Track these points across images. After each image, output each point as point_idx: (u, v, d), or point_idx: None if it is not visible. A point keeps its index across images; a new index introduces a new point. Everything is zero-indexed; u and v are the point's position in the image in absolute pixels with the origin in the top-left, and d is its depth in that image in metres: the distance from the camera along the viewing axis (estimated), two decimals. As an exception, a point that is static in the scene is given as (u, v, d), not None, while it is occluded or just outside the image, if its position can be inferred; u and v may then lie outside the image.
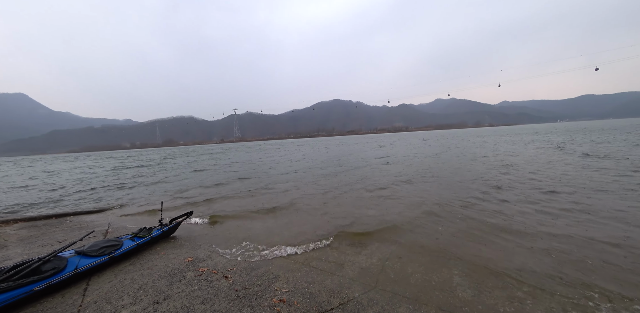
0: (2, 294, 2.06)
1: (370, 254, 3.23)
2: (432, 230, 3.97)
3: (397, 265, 2.93)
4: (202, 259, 3.09)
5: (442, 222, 4.32)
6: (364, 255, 3.20)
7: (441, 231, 3.93)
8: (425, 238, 3.69)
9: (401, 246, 3.46)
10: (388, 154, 18.37)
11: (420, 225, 4.22)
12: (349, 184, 7.94)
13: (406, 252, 3.27)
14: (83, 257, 2.77)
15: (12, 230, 4.50)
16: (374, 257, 3.15)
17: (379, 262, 3.04)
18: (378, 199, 5.98)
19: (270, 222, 4.76)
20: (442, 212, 4.78)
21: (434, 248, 3.34)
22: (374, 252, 3.30)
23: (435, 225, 4.19)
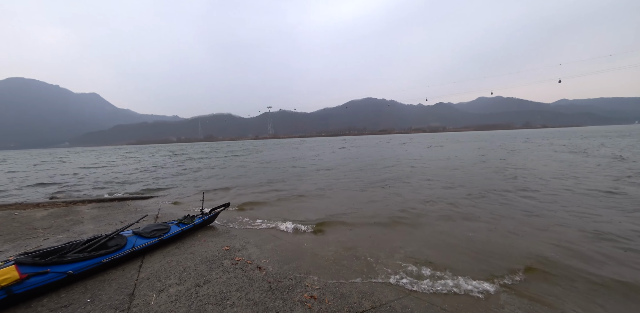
0: (79, 263, 2.40)
1: (404, 258, 3.09)
2: (469, 238, 3.66)
3: (432, 270, 2.75)
4: (237, 249, 3.26)
5: (481, 230, 3.96)
6: (397, 259, 3.07)
7: (481, 240, 3.60)
8: (464, 246, 3.42)
9: (438, 253, 3.25)
10: (449, 156, 17.47)
11: (459, 232, 3.92)
12: (385, 182, 7.71)
13: (442, 260, 3.06)
14: (139, 237, 3.10)
15: (87, 208, 5.26)
16: (409, 260, 3.01)
17: (415, 265, 2.89)
18: (415, 204, 5.71)
19: (303, 217, 4.84)
20: (482, 220, 4.38)
21: (474, 258, 3.07)
22: (408, 256, 3.15)
23: (472, 232, 3.86)
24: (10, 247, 3.31)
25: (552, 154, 14.54)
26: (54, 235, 3.74)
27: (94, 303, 2.12)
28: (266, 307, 2.09)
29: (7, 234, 3.76)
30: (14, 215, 4.69)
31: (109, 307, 2.06)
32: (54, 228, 4.02)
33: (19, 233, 3.78)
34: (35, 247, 3.28)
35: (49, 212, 5.02)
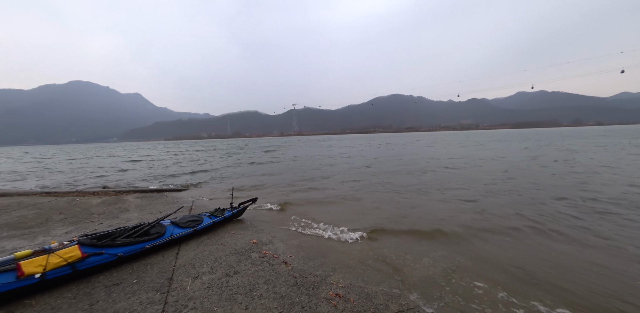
0: (127, 247, 2.67)
1: (433, 262, 2.96)
2: (514, 245, 3.39)
3: (466, 280, 2.60)
4: (264, 243, 3.37)
5: (531, 237, 3.64)
6: (426, 262, 2.96)
7: (528, 249, 3.31)
8: (504, 254, 3.18)
9: (473, 259, 3.06)
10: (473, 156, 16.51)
11: (499, 237, 3.65)
12: (420, 184, 7.45)
13: (477, 267, 2.88)
14: (176, 227, 3.34)
15: (132, 198, 5.82)
16: (439, 266, 2.88)
17: (444, 272, 2.76)
18: (449, 204, 5.44)
19: (330, 215, 4.86)
20: (536, 225, 4.02)
21: (514, 267, 2.84)
22: (439, 260, 3.02)
23: (518, 240, 3.57)
24: (73, 228, 3.77)
25: (626, 156, 12.85)
26: (106, 220, 4.19)
27: (139, 284, 2.34)
28: (292, 302, 2.13)
29: (71, 217, 4.29)
30: (76, 202, 5.34)
31: (152, 289, 2.26)
32: (106, 215, 4.51)
33: (80, 217, 4.30)
34: (92, 230, 3.71)
35: (102, 199, 5.63)
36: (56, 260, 2.17)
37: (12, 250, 2.95)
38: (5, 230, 3.62)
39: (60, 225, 3.93)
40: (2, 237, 3.38)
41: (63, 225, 3.93)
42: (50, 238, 3.39)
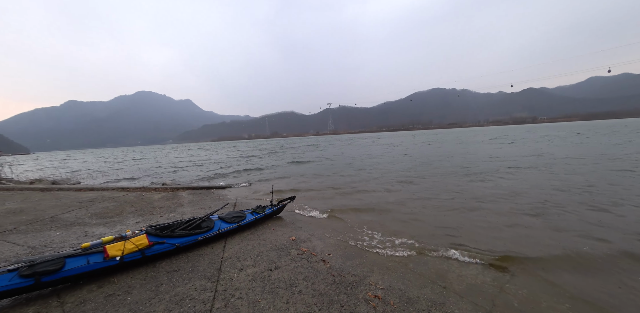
0: (183, 238, 2.99)
1: (482, 270, 2.72)
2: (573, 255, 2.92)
3: (522, 292, 2.33)
4: (303, 240, 3.47)
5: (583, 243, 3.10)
6: (474, 269, 2.72)
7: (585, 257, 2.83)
8: (568, 264, 2.76)
9: (535, 268, 2.73)
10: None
11: (565, 252, 3.18)
12: (478, 190, 6.92)
13: (539, 277, 2.55)
14: (222, 221, 3.63)
15: (185, 194, 6.51)
16: (488, 275, 2.63)
17: (494, 281, 2.51)
18: (509, 213, 4.94)
19: (370, 216, 4.80)
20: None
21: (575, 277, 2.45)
22: (489, 268, 2.75)
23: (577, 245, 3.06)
24: (141, 219, 4.38)
25: None
26: (165, 213, 4.76)
27: (194, 272, 2.61)
28: (331, 300, 2.16)
29: (139, 210, 4.98)
30: (142, 196, 6.17)
31: (204, 277, 2.50)
32: (165, 208, 5.12)
33: (146, 210, 4.96)
34: (155, 221, 4.25)
35: (162, 195, 6.41)
36: (130, 246, 2.54)
37: (99, 236, 3.55)
38: (94, 219, 4.37)
39: (131, 216, 4.58)
40: (92, 224, 4.08)
41: (133, 216, 4.58)
42: (125, 227, 3.98)
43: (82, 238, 3.47)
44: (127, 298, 2.13)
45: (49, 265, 2.12)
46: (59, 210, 4.86)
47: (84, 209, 4.97)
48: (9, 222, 4.16)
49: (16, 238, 3.48)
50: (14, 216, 4.52)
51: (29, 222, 4.18)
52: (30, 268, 2.06)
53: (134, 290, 2.24)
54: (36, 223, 4.09)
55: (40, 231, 3.76)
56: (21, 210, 4.89)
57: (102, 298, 2.12)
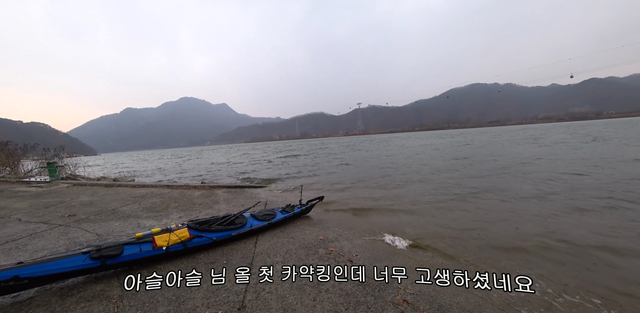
0: (219, 233, 3.23)
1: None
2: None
3: (569, 302, 2.06)
4: (330, 240, 3.50)
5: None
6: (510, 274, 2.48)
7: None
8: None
9: (581, 275, 2.40)
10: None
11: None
12: (509, 189, 6.37)
13: (588, 285, 2.24)
14: (254, 219, 3.82)
15: (221, 192, 6.98)
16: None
17: (538, 290, 2.27)
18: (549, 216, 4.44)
19: (400, 218, 4.67)
20: None
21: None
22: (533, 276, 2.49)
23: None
24: (183, 214, 4.82)
25: None
26: (204, 210, 5.16)
27: (228, 265, 2.79)
28: (357, 301, 2.15)
29: (182, 206, 5.48)
30: (184, 193, 6.78)
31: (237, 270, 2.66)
32: (204, 205, 5.55)
33: (187, 206, 5.45)
34: (195, 216, 4.64)
35: (201, 192, 6.96)
36: (174, 238, 2.82)
37: (149, 227, 3.99)
38: (145, 212, 4.92)
39: (175, 211, 5.07)
40: (143, 217, 4.61)
41: (177, 211, 5.05)
42: (170, 220, 4.42)
43: (135, 229, 3.93)
44: (176, 285, 2.37)
45: (111, 251, 2.45)
46: (119, 204, 5.57)
47: (137, 203, 5.62)
48: (82, 212, 4.89)
49: (87, 226, 4.08)
50: (86, 207, 5.30)
51: (96, 213, 4.87)
52: (97, 252, 2.41)
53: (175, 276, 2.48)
54: (102, 214, 4.75)
55: (105, 221, 4.35)
56: (91, 203, 5.71)
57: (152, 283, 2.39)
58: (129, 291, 2.24)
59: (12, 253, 3.12)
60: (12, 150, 13.55)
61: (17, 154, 13.52)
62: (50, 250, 3.20)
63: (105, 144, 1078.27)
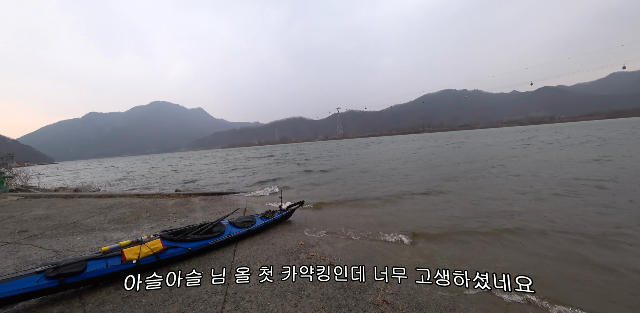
0: (195, 242, 3.09)
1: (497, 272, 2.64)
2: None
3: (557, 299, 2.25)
4: (311, 245, 3.49)
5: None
6: (488, 270, 2.65)
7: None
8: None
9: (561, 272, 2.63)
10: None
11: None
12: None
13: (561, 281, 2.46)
14: (233, 226, 3.71)
15: (197, 200, 6.69)
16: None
17: (510, 291, 2.43)
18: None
19: (378, 219, 4.78)
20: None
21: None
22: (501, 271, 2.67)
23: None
24: (155, 224, 4.54)
25: None
26: (179, 219, 4.91)
27: (205, 275, 2.67)
28: (339, 304, 2.17)
29: (154, 215, 5.17)
30: (157, 202, 6.39)
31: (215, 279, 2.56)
32: (179, 214, 5.28)
33: (160, 215, 5.14)
34: (169, 226, 4.39)
35: (175, 201, 6.61)
36: (146, 250, 2.65)
37: (117, 240, 3.71)
38: (112, 224, 4.57)
39: (147, 221, 4.76)
40: (110, 229, 4.27)
41: (149, 221, 4.75)
42: (141, 231, 4.14)
43: (101, 243, 3.64)
44: (143, 300, 2.22)
45: (72, 268, 2.25)
46: (81, 216, 5.12)
47: (103, 215, 5.20)
48: (36, 228, 4.42)
49: (42, 242, 3.70)
50: (41, 222, 4.80)
51: (53, 227, 4.43)
52: (55, 270, 2.19)
53: (149, 292, 2.33)
54: (60, 229, 4.33)
55: (64, 236, 3.97)
56: (47, 216, 5.18)
57: (120, 300, 2.22)
58: (92, 311, 2.06)
59: (-51, 277, 2.73)
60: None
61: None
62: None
63: (65, 151, 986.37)
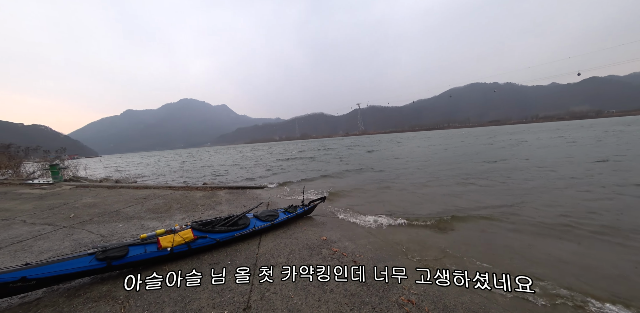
0: (223, 234, 3.24)
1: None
2: None
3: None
4: (333, 240, 3.50)
5: None
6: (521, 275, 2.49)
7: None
8: None
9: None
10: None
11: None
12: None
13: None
14: (257, 219, 3.83)
15: (223, 193, 6.99)
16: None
17: (545, 298, 2.27)
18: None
19: (401, 219, 4.67)
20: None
21: None
22: (538, 277, 2.49)
23: None
24: (186, 215, 4.83)
25: None
26: (206, 210, 5.18)
27: (232, 265, 2.80)
28: (362, 301, 2.16)
29: (184, 207, 5.50)
30: (187, 195, 6.79)
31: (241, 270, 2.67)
32: (206, 206, 5.57)
33: (190, 207, 5.46)
34: (198, 217, 4.65)
35: (202, 193, 6.98)
36: (178, 239, 2.83)
37: (153, 228, 4.01)
38: (148, 213, 4.94)
39: (178, 212, 5.08)
40: (147, 218, 4.62)
41: (180, 212, 5.07)
42: (173, 221, 4.43)
43: (139, 230, 3.95)
44: (177, 285, 2.38)
45: (117, 252, 2.47)
46: (122, 205, 5.59)
47: (140, 205, 5.63)
48: (85, 214, 4.91)
49: (91, 227, 4.10)
50: (89, 209, 5.32)
51: (100, 214, 4.89)
52: (103, 253, 2.42)
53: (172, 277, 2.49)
54: (105, 216, 4.77)
55: (109, 222, 4.37)
56: (94, 204, 5.73)
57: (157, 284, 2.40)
58: (135, 291, 2.25)
59: (19, 255, 3.13)
60: (14, 153, 13.67)
61: (19, 156, 13.63)
62: (56, 251, 3.22)
63: (106, 146, 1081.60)
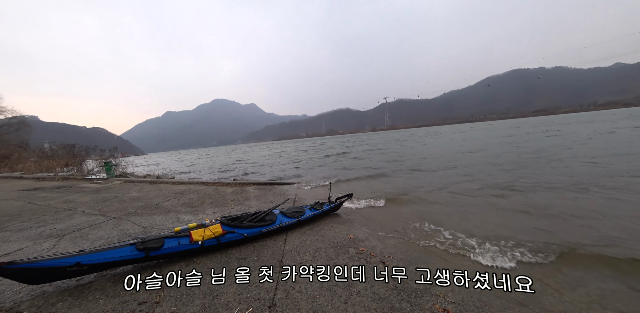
0: (250, 229, 3.29)
1: (588, 290, 2.10)
2: None
3: None
4: (361, 239, 3.37)
5: None
6: (579, 288, 2.14)
7: None
8: None
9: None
10: None
11: None
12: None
13: None
14: (284, 216, 3.83)
15: (251, 189, 7.21)
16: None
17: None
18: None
19: (438, 217, 4.39)
20: None
21: None
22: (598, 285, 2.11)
23: None
24: (217, 210, 5.05)
25: None
26: (236, 206, 5.36)
27: (259, 260, 2.83)
28: (392, 306, 2.02)
29: (215, 202, 5.76)
30: (218, 190, 7.13)
31: (267, 266, 2.68)
32: (236, 201, 5.77)
33: (220, 202, 5.71)
34: (227, 212, 4.82)
35: (232, 189, 7.26)
36: (208, 233, 2.93)
37: (187, 222, 4.25)
38: (183, 207, 5.27)
39: (209, 207, 5.33)
40: (182, 212, 4.93)
41: (211, 207, 5.32)
42: (205, 215, 4.65)
43: (175, 223, 4.21)
44: (207, 277, 2.46)
45: (154, 243, 2.62)
46: (161, 200, 6.04)
47: (177, 199, 6.03)
48: (131, 207, 5.39)
49: (135, 219, 4.48)
50: (134, 202, 5.83)
51: (142, 207, 5.33)
52: (142, 243, 2.59)
53: (212, 272, 2.57)
54: (147, 209, 5.18)
55: (150, 215, 4.73)
56: (138, 198, 6.27)
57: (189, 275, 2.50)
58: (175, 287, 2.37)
59: (77, 241, 3.52)
60: (78, 152, 15.77)
61: (81, 154, 15.66)
62: (106, 239, 3.55)
63: (150, 145, 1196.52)
